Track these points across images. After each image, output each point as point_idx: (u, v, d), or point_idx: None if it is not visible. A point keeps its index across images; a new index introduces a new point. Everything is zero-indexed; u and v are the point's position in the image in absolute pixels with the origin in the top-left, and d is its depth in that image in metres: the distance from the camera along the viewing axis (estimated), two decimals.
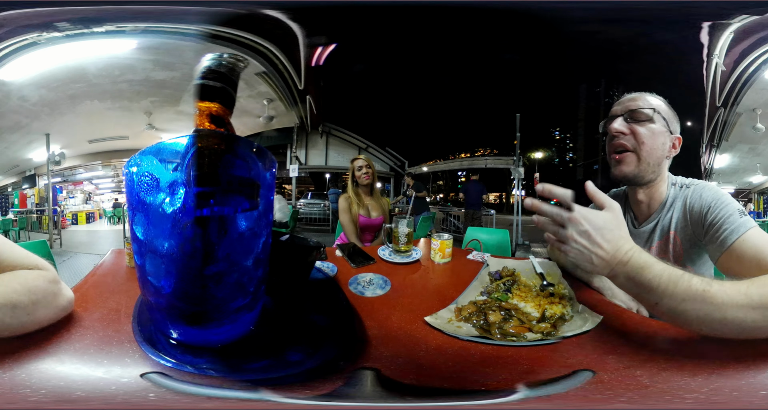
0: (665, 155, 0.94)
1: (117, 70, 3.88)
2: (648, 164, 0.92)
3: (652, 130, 0.91)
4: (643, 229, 1.00)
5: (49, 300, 0.67)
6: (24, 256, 0.72)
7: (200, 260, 0.57)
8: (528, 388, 0.56)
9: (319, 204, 6.12)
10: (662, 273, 0.59)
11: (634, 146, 0.91)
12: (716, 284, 0.57)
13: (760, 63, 3.90)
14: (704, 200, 0.87)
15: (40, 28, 3.16)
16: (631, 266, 0.61)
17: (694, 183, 0.94)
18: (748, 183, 5.04)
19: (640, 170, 0.92)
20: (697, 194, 0.89)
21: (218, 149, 0.59)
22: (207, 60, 0.64)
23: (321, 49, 4.18)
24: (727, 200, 0.84)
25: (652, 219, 0.98)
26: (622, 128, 0.91)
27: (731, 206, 0.82)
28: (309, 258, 0.93)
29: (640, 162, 0.91)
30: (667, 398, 0.53)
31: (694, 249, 0.92)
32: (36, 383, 0.53)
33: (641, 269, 0.61)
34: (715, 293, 0.55)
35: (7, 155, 4.38)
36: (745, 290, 0.56)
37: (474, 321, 0.79)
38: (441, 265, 1.22)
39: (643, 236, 1.00)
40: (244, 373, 0.60)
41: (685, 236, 0.92)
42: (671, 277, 0.58)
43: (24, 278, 0.66)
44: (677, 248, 0.94)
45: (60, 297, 0.71)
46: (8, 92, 3.71)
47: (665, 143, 0.93)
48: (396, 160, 6.54)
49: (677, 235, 0.93)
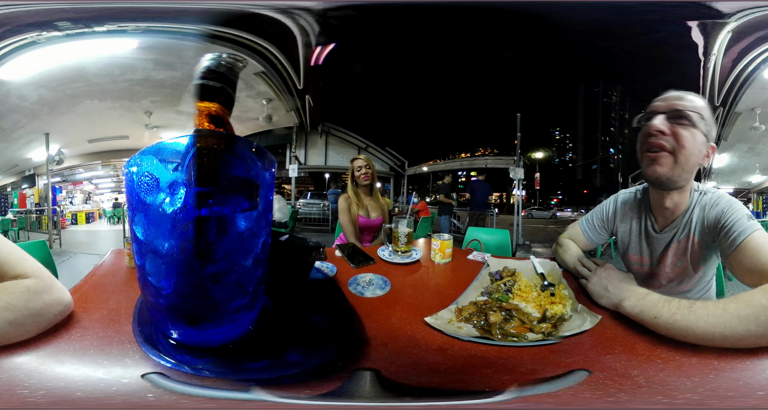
0: (699, 162, 0.92)
1: (117, 70, 3.88)
2: (683, 169, 0.90)
3: (694, 134, 0.88)
4: (665, 234, 1.03)
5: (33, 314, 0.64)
6: (14, 262, 0.70)
7: (200, 260, 0.57)
8: (528, 388, 0.56)
9: (319, 204, 6.11)
10: (660, 297, 0.74)
11: (674, 147, 0.88)
12: (700, 302, 0.69)
13: (759, 62, 3.91)
14: (719, 207, 0.93)
15: (39, 28, 3.16)
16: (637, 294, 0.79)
17: (711, 191, 0.98)
18: (747, 183, 5.05)
19: (674, 173, 0.90)
20: (714, 203, 0.95)
21: (218, 148, 0.59)
22: (206, 60, 0.64)
23: (320, 48, 4.18)
24: (738, 207, 0.91)
25: (675, 225, 1.00)
26: (663, 126, 0.88)
27: (741, 212, 0.89)
28: (308, 258, 0.93)
29: (676, 165, 0.89)
30: (659, 398, 0.53)
31: (707, 251, 0.99)
32: (35, 384, 0.53)
33: (646, 294, 0.77)
34: (697, 308, 0.67)
35: (7, 155, 4.37)
36: (723, 306, 0.65)
37: (474, 321, 0.79)
38: (441, 265, 1.22)
39: (664, 240, 1.03)
40: (243, 373, 0.60)
41: (702, 239, 0.97)
42: (666, 299, 0.73)
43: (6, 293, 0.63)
44: (695, 250, 0.99)
45: (50, 307, 0.68)
46: (8, 92, 3.71)
47: (702, 151, 0.91)
48: (396, 160, 6.54)
49: (695, 238, 0.98)
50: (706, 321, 0.64)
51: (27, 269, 0.70)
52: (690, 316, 0.66)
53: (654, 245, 1.06)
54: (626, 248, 1.12)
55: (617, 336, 0.72)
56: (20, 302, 0.64)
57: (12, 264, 0.70)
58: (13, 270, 0.69)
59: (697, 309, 0.67)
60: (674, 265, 1.03)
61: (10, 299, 0.63)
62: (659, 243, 1.04)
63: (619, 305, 0.80)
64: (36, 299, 0.66)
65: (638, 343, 0.68)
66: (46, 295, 0.68)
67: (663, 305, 0.71)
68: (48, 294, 0.69)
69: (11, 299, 0.63)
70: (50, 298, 0.69)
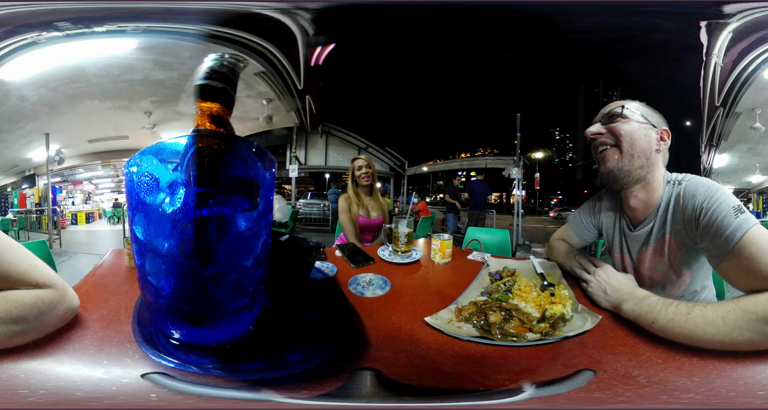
0: (653, 147, 0.90)
1: (117, 70, 3.88)
2: (632, 156, 0.89)
3: (630, 123, 0.90)
4: (639, 232, 0.97)
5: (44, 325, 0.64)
6: (27, 270, 0.66)
7: (200, 261, 0.57)
8: (528, 388, 0.56)
9: (319, 204, 6.11)
10: (659, 300, 0.73)
11: (615, 141, 0.91)
12: (698, 307, 0.67)
13: (760, 62, 3.90)
14: (697, 199, 0.81)
15: (39, 28, 3.16)
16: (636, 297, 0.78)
17: (687, 179, 0.87)
18: (747, 183, 5.04)
19: (624, 163, 0.90)
20: (690, 193, 0.83)
21: (218, 149, 0.59)
22: (209, 60, 0.64)
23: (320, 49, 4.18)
24: (720, 198, 0.77)
25: (648, 222, 0.94)
26: (596, 128, 0.94)
27: (724, 205, 0.75)
28: (309, 258, 0.93)
29: (622, 154, 0.90)
30: (664, 398, 0.53)
31: (690, 253, 0.89)
32: (35, 384, 0.53)
33: (645, 297, 0.76)
34: (695, 315, 0.66)
35: (7, 155, 4.37)
36: (723, 316, 0.64)
37: (474, 321, 0.79)
38: (441, 265, 1.22)
39: (639, 239, 0.98)
40: (243, 373, 0.60)
41: (679, 239, 0.88)
42: (665, 302, 0.71)
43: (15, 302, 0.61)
44: (673, 252, 0.90)
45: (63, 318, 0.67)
46: (8, 92, 3.71)
47: (649, 135, 0.89)
48: (396, 160, 6.54)
49: (672, 238, 0.90)
50: (703, 330, 0.64)
51: (40, 278, 0.67)
52: (687, 324, 0.65)
53: (631, 244, 1.01)
54: (610, 246, 1.08)
55: (618, 336, 0.72)
56: (32, 315, 0.62)
57: (25, 273, 0.66)
58: (26, 279, 0.65)
59: (695, 316, 0.65)
60: (653, 268, 0.96)
61: (22, 312, 0.61)
62: (635, 242, 0.99)
63: (618, 309, 0.80)
64: (50, 313, 0.65)
65: (639, 343, 0.69)
66: (60, 306, 0.67)
67: (660, 310, 0.70)
68: (61, 305, 0.67)
69: (23, 312, 0.61)
70: (62, 308, 0.68)
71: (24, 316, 0.61)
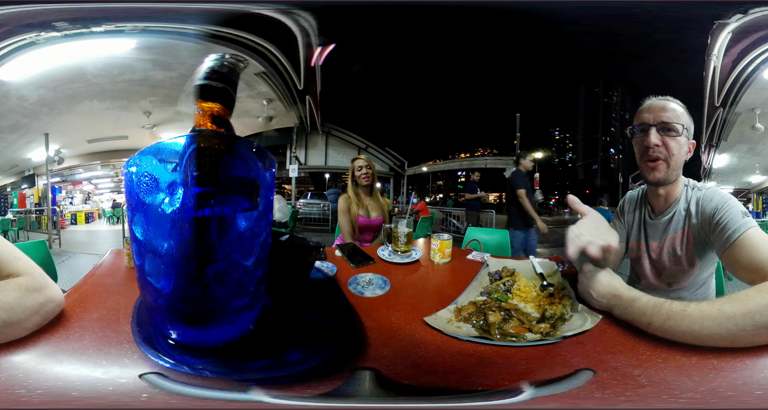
0: (684, 159, 1.09)
1: (116, 70, 3.88)
2: (674, 170, 1.06)
3: (680, 142, 1.04)
4: (661, 220, 1.12)
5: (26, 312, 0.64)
6: (6, 261, 0.70)
7: (200, 261, 0.57)
8: (527, 388, 0.56)
9: (319, 204, 6.11)
10: (648, 302, 0.73)
11: (666, 156, 1.04)
12: (693, 304, 0.69)
13: (759, 63, 3.91)
14: (714, 203, 1.01)
15: (38, 28, 3.16)
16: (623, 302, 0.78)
17: (705, 187, 1.08)
18: (747, 183, 5.05)
19: (668, 174, 1.06)
20: (708, 198, 1.03)
21: (218, 149, 0.59)
22: (210, 60, 0.64)
23: (320, 49, 4.18)
24: (732, 203, 0.98)
25: (669, 212, 1.11)
26: (657, 140, 1.04)
27: (735, 209, 0.95)
28: (309, 258, 0.93)
29: (669, 169, 1.05)
30: (664, 397, 0.53)
31: (702, 247, 1.06)
32: (33, 383, 0.53)
33: (632, 301, 0.76)
34: (692, 311, 0.67)
35: (6, 155, 4.37)
36: (719, 307, 0.65)
37: (474, 321, 0.79)
38: (441, 265, 1.22)
39: (660, 227, 1.13)
40: (243, 373, 0.60)
41: (696, 233, 1.06)
42: (656, 304, 0.72)
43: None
44: (689, 244, 1.08)
45: (43, 305, 0.68)
46: (7, 92, 3.71)
47: (684, 151, 1.07)
48: (396, 160, 6.54)
49: (690, 231, 1.07)
50: (701, 324, 0.64)
51: (19, 268, 0.70)
52: (684, 321, 0.66)
53: (649, 231, 1.17)
54: (628, 236, 1.22)
55: (618, 335, 0.72)
56: (12, 300, 0.64)
57: (5, 263, 0.70)
58: (6, 269, 0.69)
59: (692, 313, 0.66)
60: (670, 254, 1.11)
61: (3, 298, 0.63)
62: (655, 230, 1.15)
63: (610, 312, 0.80)
64: (28, 297, 0.66)
65: (639, 343, 0.68)
66: (38, 293, 0.69)
67: (654, 312, 0.70)
68: (40, 292, 0.69)
69: (3, 298, 0.63)
70: (42, 296, 0.69)
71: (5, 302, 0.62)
